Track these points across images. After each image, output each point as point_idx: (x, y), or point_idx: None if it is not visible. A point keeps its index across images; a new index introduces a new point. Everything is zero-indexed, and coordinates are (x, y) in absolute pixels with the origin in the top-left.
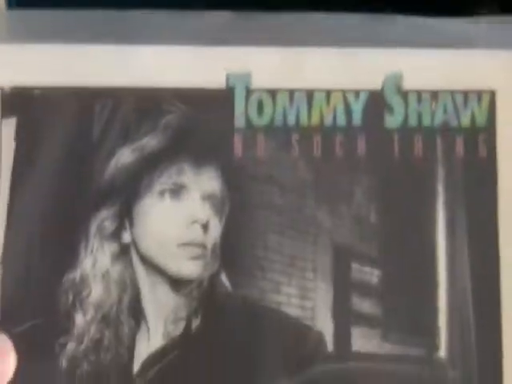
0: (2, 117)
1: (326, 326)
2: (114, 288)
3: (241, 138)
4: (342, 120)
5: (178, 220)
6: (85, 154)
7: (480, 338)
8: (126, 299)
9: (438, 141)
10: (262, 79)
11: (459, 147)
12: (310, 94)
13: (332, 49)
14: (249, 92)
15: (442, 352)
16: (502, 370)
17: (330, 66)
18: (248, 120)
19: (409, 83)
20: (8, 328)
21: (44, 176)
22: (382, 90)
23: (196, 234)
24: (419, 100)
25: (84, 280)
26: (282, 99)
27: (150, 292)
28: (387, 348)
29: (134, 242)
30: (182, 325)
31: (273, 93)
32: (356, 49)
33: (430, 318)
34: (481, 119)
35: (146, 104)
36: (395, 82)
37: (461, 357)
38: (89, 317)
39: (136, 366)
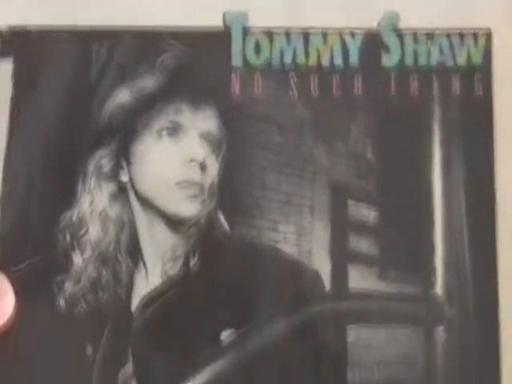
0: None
1: (323, 264)
2: (111, 227)
3: (238, 77)
4: (338, 59)
5: (175, 159)
6: (83, 93)
7: (476, 275)
8: (124, 238)
9: (435, 80)
10: (259, 18)
11: (455, 86)
12: (306, 34)
13: None
14: (246, 31)
15: (439, 290)
16: (498, 306)
17: (327, 5)
18: (245, 59)
19: (405, 22)
20: (6, 267)
21: (41, 116)
22: (379, 29)
23: (193, 172)
24: (415, 39)
25: (81, 219)
26: (279, 39)
27: (148, 231)
28: (384, 286)
29: (132, 181)
30: (179, 264)
31: (270, 33)
32: None
33: (427, 256)
34: (477, 58)
35: (143, 44)
36: (392, 21)
37: (457, 294)
38: (86, 256)
39: (134, 304)
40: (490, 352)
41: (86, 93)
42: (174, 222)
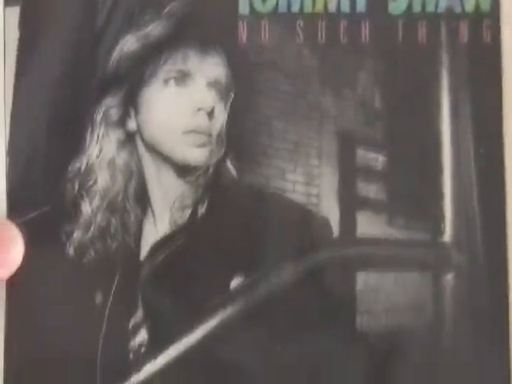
0: (6, 5)
1: (331, 211)
2: (119, 176)
3: (245, 24)
4: (346, 6)
5: (183, 107)
6: (89, 42)
7: (485, 222)
8: (132, 187)
9: (442, 26)
10: None
11: (463, 33)
12: None
13: None
14: None
15: (447, 236)
16: (507, 251)
17: None
18: (252, 6)
19: None
20: (16, 217)
21: (49, 64)
22: None
23: (201, 121)
24: None
25: (90, 168)
26: None
27: (156, 179)
28: (392, 232)
29: (140, 130)
30: (187, 212)
31: None
32: None
33: (435, 202)
34: (485, 4)
35: None
36: None
37: (466, 240)
38: (95, 205)
39: (143, 253)
40: (498, 297)
41: (93, 40)
42: (182, 170)
